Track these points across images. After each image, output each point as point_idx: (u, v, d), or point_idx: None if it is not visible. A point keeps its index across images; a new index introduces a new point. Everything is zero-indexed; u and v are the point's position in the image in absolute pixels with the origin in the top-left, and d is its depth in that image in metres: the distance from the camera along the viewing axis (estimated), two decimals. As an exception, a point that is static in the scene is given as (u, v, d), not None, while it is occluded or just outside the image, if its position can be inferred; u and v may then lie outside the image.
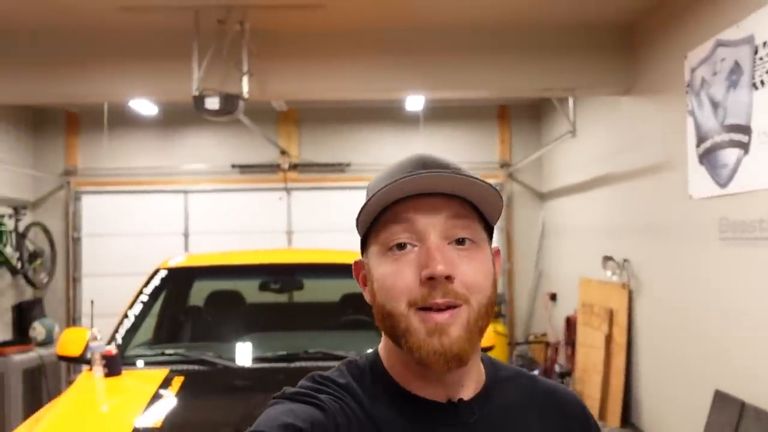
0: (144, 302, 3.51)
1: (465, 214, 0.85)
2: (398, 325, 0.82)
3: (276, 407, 0.83)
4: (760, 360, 3.42)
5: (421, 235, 0.83)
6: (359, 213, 0.87)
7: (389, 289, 0.83)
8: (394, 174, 0.86)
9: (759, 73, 3.38)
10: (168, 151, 7.80)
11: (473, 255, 0.84)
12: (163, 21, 4.73)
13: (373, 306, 0.88)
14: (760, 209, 3.40)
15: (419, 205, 0.84)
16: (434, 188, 0.84)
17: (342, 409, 0.84)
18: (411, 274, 0.82)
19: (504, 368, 0.97)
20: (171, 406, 2.64)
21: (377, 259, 0.87)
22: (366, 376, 0.90)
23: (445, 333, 0.80)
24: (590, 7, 4.67)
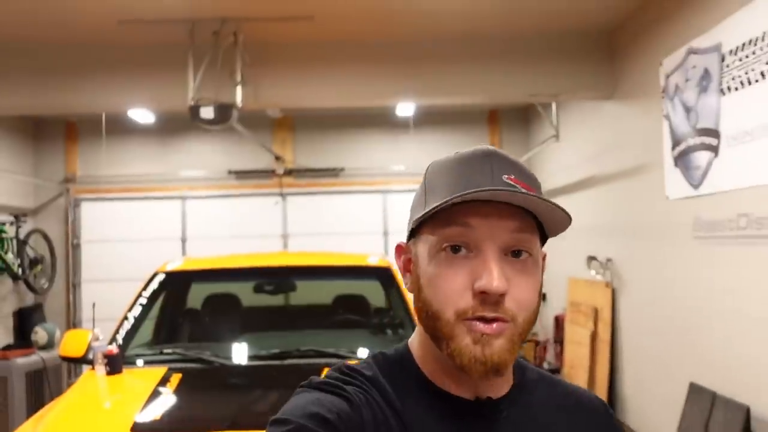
0: (143, 305, 3.66)
1: (526, 228, 0.82)
2: (442, 329, 0.81)
3: (303, 395, 0.83)
4: (731, 353, 3.59)
5: (480, 243, 0.81)
6: (419, 205, 0.85)
7: (438, 292, 0.82)
8: (462, 171, 0.83)
9: (726, 79, 3.56)
10: (165, 159, 7.97)
11: (527, 269, 0.82)
12: (159, 34, 4.90)
13: (415, 297, 0.87)
14: (730, 209, 3.57)
15: (483, 212, 0.80)
16: (506, 200, 0.81)
17: (368, 401, 0.83)
18: (463, 282, 0.80)
19: (531, 369, 0.97)
20: (169, 402, 2.79)
21: (428, 254, 0.84)
22: (394, 369, 0.89)
23: (488, 344, 0.79)
24: (572, 15, 4.85)
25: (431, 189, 0.85)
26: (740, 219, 3.47)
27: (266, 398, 2.85)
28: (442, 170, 0.86)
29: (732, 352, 3.59)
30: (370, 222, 8.00)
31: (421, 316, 0.85)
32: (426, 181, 0.88)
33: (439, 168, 0.88)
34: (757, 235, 3.32)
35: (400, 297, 3.71)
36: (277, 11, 4.58)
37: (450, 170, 0.85)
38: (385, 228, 8.04)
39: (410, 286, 0.89)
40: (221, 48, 4.76)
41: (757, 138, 3.26)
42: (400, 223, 7.97)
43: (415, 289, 0.87)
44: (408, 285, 0.90)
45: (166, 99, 5.14)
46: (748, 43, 3.32)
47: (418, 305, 0.86)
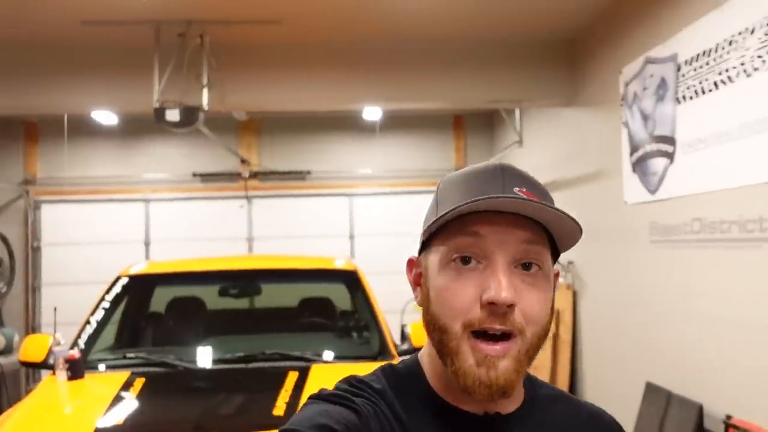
0: (106, 309, 3.62)
1: (536, 239, 0.81)
2: (449, 343, 0.80)
3: (311, 407, 0.82)
4: (685, 353, 3.71)
5: (489, 254, 0.80)
6: (432, 218, 0.85)
7: (446, 304, 0.81)
8: (473, 184, 0.83)
9: (681, 88, 3.68)
10: (129, 160, 7.88)
11: (537, 282, 0.81)
12: (124, 35, 4.86)
13: (424, 311, 0.86)
14: (684, 214, 3.69)
15: (494, 222, 0.80)
16: (515, 209, 0.80)
17: (376, 414, 0.82)
18: (472, 294, 0.79)
19: (545, 387, 0.95)
20: (132, 407, 2.77)
21: (438, 266, 0.83)
22: (403, 382, 0.88)
23: (493, 366, 0.78)
24: (535, 24, 4.95)
25: (443, 201, 0.85)
26: (694, 223, 3.59)
27: (231, 402, 2.86)
28: (454, 184, 0.86)
29: (686, 352, 3.70)
30: (337, 225, 8.02)
31: (429, 328, 0.84)
32: (438, 195, 0.88)
33: (450, 182, 0.88)
34: (709, 239, 3.44)
35: (366, 300, 3.74)
36: (244, 14, 4.59)
37: (461, 183, 0.85)
38: (351, 231, 8.06)
39: (420, 299, 0.88)
40: (187, 50, 4.74)
41: (711, 146, 3.38)
42: (366, 226, 8.01)
43: (425, 302, 0.86)
44: (418, 299, 0.89)
45: (130, 101, 5.09)
46: (702, 54, 3.45)
47: (426, 318, 0.85)
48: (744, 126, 3.10)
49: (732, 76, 3.19)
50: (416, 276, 0.90)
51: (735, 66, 3.16)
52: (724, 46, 3.25)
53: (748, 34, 3.05)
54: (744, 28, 3.07)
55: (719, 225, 3.35)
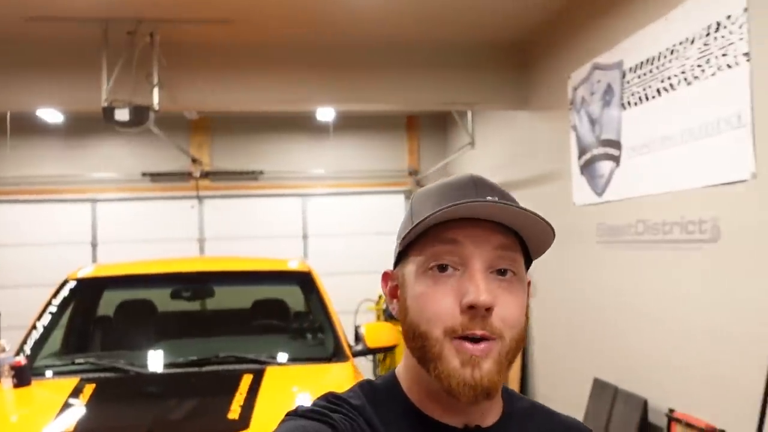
0: (53, 313, 3.54)
1: (510, 245, 0.83)
2: (431, 350, 0.81)
3: (288, 423, 0.82)
4: (630, 350, 3.84)
5: (466, 260, 0.81)
6: (407, 228, 0.85)
7: (425, 311, 0.82)
8: (447, 194, 0.84)
9: (626, 94, 3.81)
10: (75, 160, 7.67)
11: (512, 288, 0.82)
12: (71, 32, 4.74)
13: (402, 322, 0.86)
14: (630, 215, 3.82)
15: (469, 229, 0.82)
16: (489, 216, 0.82)
17: (353, 429, 0.82)
18: (451, 300, 0.80)
19: (521, 399, 0.96)
20: (82, 414, 2.71)
21: (415, 276, 0.84)
22: (381, 397, 0.88)
23: (477, 366, 0.79)
24: (487, 28, 5.04)
25: (418, 213, 0.85)
26: (638, 225, 3.72)
27: (184, 406, 2.83)
28: (428, 195, 0.87)
29: (631, 350, 3.84)
30: (290, 226, 7.99)
31: (408, 337, 0.84)
32: (412, 207, 0.88)
33: (424, 194, 0.89)
34: (653, 240, 3.57)
35: (320, 301, 3.75)
36: (195, 14, 4.53)
37: (435, 195, 0.86)
38: (304, 232, 8.04)
39: (397, 311, 0.88)
40: (137, 49, 4.65)
41: (654, 150, 3.51)
42: (319, 226, 8.01)
43: (403, 312, 0.86)
44: (395, 311, 0.89)
45: (78, 100, 4.96)
46: (646, 62, 3.58)
47: (404, 329, 0.85)
48: (685, 132, 3.23)
49: (674, 84, 3.32)
50: (392, 288, 0.90)
51: (676, 74, 3.29)
52: (666, 55, 3.38)
53: (688, 44, 3.18)
54: (685, 38, 3.21)
55: (662, 226, 3.48)
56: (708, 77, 3.05)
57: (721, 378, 3.04)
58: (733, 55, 2.87)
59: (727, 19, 2.90)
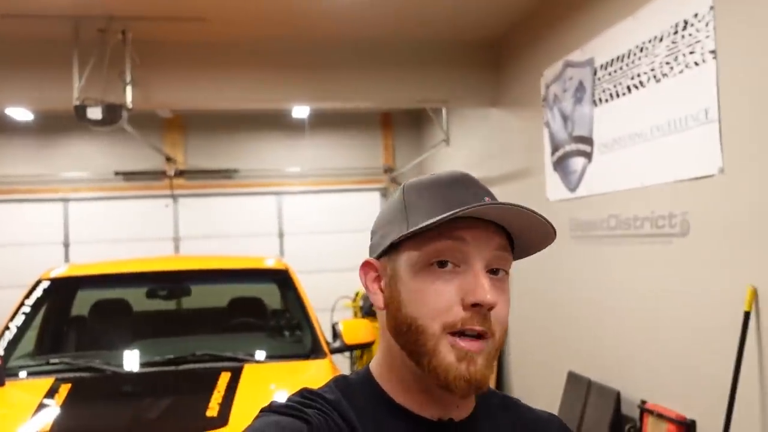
0: (26, 314, 3.49)
1: (505, 246, 0.86)
2: (426, 344, 0.82)
3: (262, 419, 0.82)
4: (603, 343, 3.92)
5: (469, 259, 0.83)
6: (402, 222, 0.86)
7: (424, 306, 0.82)
8: (449, 192, 0.86)
9: (598, 91, 3.87)
10: (46, 159, 7.56)
11: (503, 287, 0.85)
12: (41, 29, 4.67)
13: (392, 315, 0.87)
14: (602, 211, 3.89)
15: (474, 229, 0.83)
16: (493, 217, 0.84)
17: (328, 424, 0.82)
18: (451, 296, 0.81)
19: (493, 394, 0.97)
20: (57, 414, 2.69)
21: (411, 270, 0.85)
22: (356, 391, 0.89)
23: (473, 362, 0.80)
24: (461, 26, 5.08)
25: (413, 208, 0.86)
26: (610, 219, 3.79)
27: (162, 405, 2.81)
28: (424, 190, 0.88)
29: (604, 342, 3.91)
30: (266, 224, 7.96)
31: (401, 331, 0.84)
32: (405, 201, 0.88)
33: (418, 188, 0.89)
34: (624, 234, 3.64)
35: (298, 299, 3.76)
36: (167, 11, 4.50)
37: (433, 190, 0.87)
38: (280, 230, 8.02)
39: (383, 303, 0.88)
40: (109, 47, 4.60)
41: (625, 146, 3.58)
42: (295, 224, 7.99)
43: (393, 305, 0.86)
44: (379, 303, 0.89)
45: (49, 98, 4.90)
46: (617, 59, 3.64)
47: (395, 321, 0.85)
48: (655, 128, 3.30)
49: (643, 81, 3.39)
50: (374, 280, 0.90)
51: (646, 71, 3.36)
52: (636, 53, 3.44)
53: (657, 42, 3.25)
54: (653, 36, 3.27)
55: (633, 221, 3.55)
56: (676, 74, 3.12)
57: (692, 369, 3.12)
58: (700, 52, 2.94)
59: (694, 17, 2.97)
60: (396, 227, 0.87)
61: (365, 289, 0.92)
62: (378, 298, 0.90)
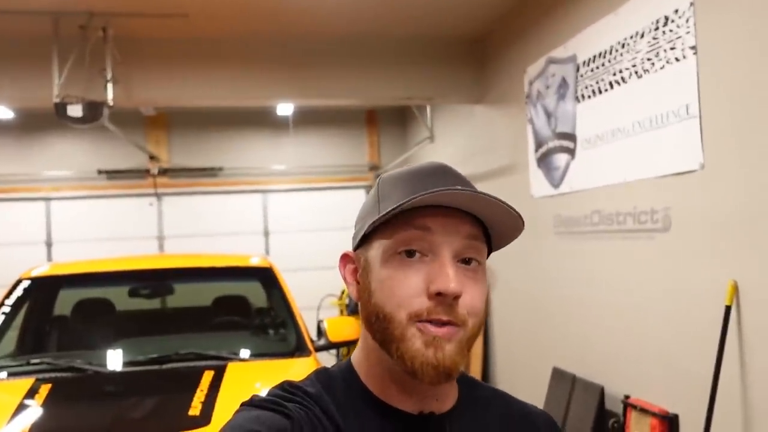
0: (6, 313, 3.46)
1: (477, 236, 0.84)
2: (393, 332, 0.81)
3: (242, 413, 0.82)
4: (587, 338, 3.93)
5: (436, 248, 0.82)
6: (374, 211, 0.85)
7: (391, 294, 0.82)
8: (418, 180, 0.85)
9: (580, 87, 3.88)
10: (27, 157, 7.48)
11: (477, 277, 0.84)
12: (20, 25, 4.61)
13: (363, 304, 0.87)
14: (585, 207, 3.91)
15: (441, 218, 0.82)
16: (463, 205, 0.83)
17: (309, 418, 0.82)
18: (417, 284, 0.81)
19: (480, 387, 0.97)
20: (37, 415, 2.66)
21: (381, 259, 0.84)
22: (338, 384, 0.89)
23: (440, 347, 0.79)
24: (444, 23, 5.08)
25: (385, 197, 0.86)
26: (594, 215, 3.80)
27: (144, 404, 2.79)
28: (397, 180, 0.87)
29: (588, 338, 3.93)
30: (251, 222, 7.93)
31: (371, 320, 0.84)
32: (379, 192, 0.88)
33: (392, 179, 0.89)
34: (607, 230, 3.66)
35: (282, 297, 3.74)
36: (149, 7, 4.46)
37: (405, 180, 0.86)
38: (265, 228, 7.99)
39: (357, 294, 0.88)
40: (89, 43, 4.55)
41: (607, 142, 3.60)
42: (281, 222, 7.97)
43: (365, 295, 0.86)
44: (354, 294, 0.89)
45: (29, 95, 4.83)
46: (599, 55, 3.65)
47: (366, 311, 0.85)
48: (636, 124, 3.31)
49: (625, 77, 3.40)
50: (351, 272, 0.90)
51: (627, 67, 3.37)
52: (617, 49, 3.46)
53: (638, 38, 3.26)
54: (635, 32, 3.29)
55: (616, 217, 3.57)
56: (657, 70, 3.13)
57: (674, 364, 3.14)
58: (680, 48, 2.95)
59: (674, 13, 2.98)
60: (369, 218, 0.86)
61: (343, 280, 0.91)
62: (353, 289, 0.90)
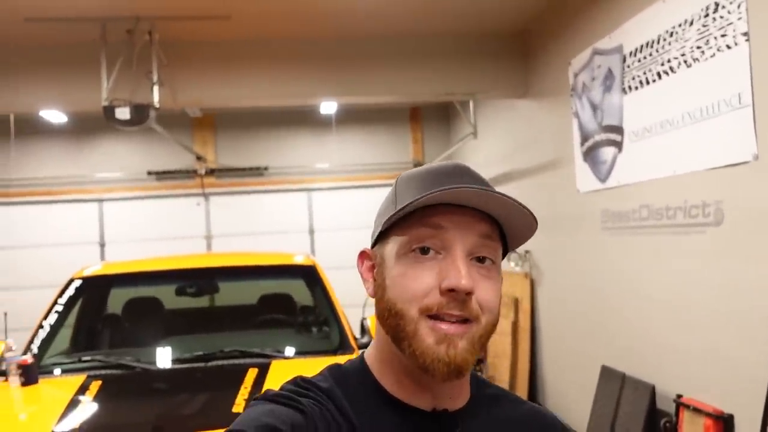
0: (59, 312, 3.56)
1: (491, 234, 0.85)
2: (405, 327, 0.82)
3: (256, 408, 0.82)
4: (637, 336, 3.82)
5: (449, 245, 0.82)
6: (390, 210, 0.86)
7: (404, 290, 0.83)
8: (434, 179, 0.85)
9: (627, 79, 3.77)
10: (80, 160, 7.71)
11: (491, 275, 0.84)
12: (70, 31, 4.74)
13: (377, 300, 0.88)
14: (633, 201, 3.80)
15: (454, 216, 0.83)
16: (475, 203, 0.83)
17: (322, 413, 0.83)
18: (430, 281, 0.81)
19: (489, 386, 0.98)
20: (88, 411, 2.73)
21: (396, 256, 0.85)
22: (350, 380, 0.89)
23: (452, 344, 0.80)
24: (486, 17, 5.01)
25: (402, 196, 0.87)
26: (642, 210, 3.69)
27: (189, 402, 2.84)
28: (413, 179, 0.88)
29: (638, 335, 3.82)
30: (296, 220, 8.00)
31: (384, 316, 0.85)
32: (396, 190, 0.90)
33: (409, 177, 0.90)
34: (657, 224, 3.55)
35: (325, 294, 3.75)
36: (193, 10, 4.52)
37: (421, 179, 0.87)
38: (310, 226, 8.05)
39: (372, 290, 0.89)
40: (136, 47, 4.66)
41: (655, 134, 3.49)
42: (325, 220, 8.01)
43: (379, 291, 0.87)
44: (370, 291, 0.90)
45: (79, 99, 4.98)
46: (646, 45, 3.54)
47: (380, 307, 0.86)
48: (686, 115, 3.20)
49: (674, 67, 3.29)
50: (368, 268, 0.91)
51: (676, 57, 3.26)
52: (665, 38, 3.34)
53: (687, 26, 3.15)
54: (683, 20, 3.17)
55: (666, 211, 3.46)
56: (708, 59, 3.01)
57: (728, 362, 3.02)
58: (732, 35, 2.83)
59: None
60: (386, 216, 0.87)
61: (361, 277, 0.93)
62: (369, 286, 0.91)
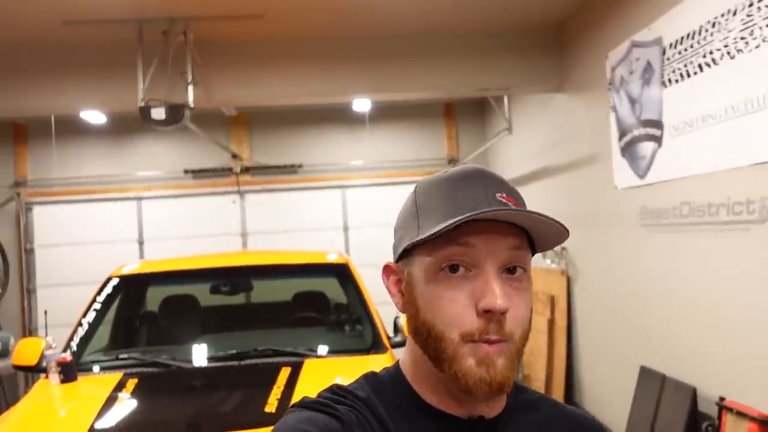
0: (98, 310, 3.62)
1: (520, 245, 0.84)
2: (445, 350, 0.82)
3: (293, 415, 0.83)
4: (677, 336, 3.72)
5: (480, 262, 0.81)
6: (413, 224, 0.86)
7: (441, 313, 0.82)
8: (458, 193, 0.84)
9: (667, 72, 3.67)
10: (119, 159, 7.85)
11: (522, 285, 0.84)
12: (106, 33, 4.82)
13: (411, 318, 0.87)
14: (673, 198, 3.69)
15: (483, 231, 0.81)
16: (504, 217, 0.82)
17: (359, 421, 0.83)
18: (465, 302, 0.81)
19: (527, 392, 0.97)
20: (125, 407, 2.78)
21: (425, 276, 0.84)
22: (386, 388, 0.89)
23: (492, 364, 0.80)
24: (521, 11, 4.93)
25: (424, 211, 0.85)
26: (683, 207, 3.59)
27: (223, 400, 2.86)
28: (434, 191, 0.86)
29: (678, 336, 3.71)
30: (330, 218, 8.01)
31: (421, 337, 0.85)
32: (417, 202, 0.88)
33: (429, 188, 0.88)
34: (698, 222, 3.44)
35: (358, 293, 3.74)
36: (227, 10, 4.55)
37: (443, 191, 0.85)
38: (345, 223, 8.05)
39: (402, 306, 0.89)
40: (171, 48, 4.70)
41: (697, 129, 3.38)
42: (360, 218, 8.01)
43: (411, 309, 0.87)
44: (399, 305, 0.90)
45: (115, 100, 5.06)
46: (687, 36, 3.43)
47: (414, 326, 0.86)
48: (729, 108, 3.09)
49: (716, 59, 3.18)
50: (395, 283, 0.91)
51: (719, 48, 3.15)
52: (707, 29, 3.23)
53: (730, 16, 3.04)
54: (726, 10, 3.06)
55: (707, 208, 3.35)
56: (752, 50, 2.90)
57: (774, 364, 2.91)
58: (778, 25, 2.73)
59: (771, -13, 2.75)
60: (409, 231, 0.87)
61: (387, 291, 0.92)
62: (398, 300, 0.91)
